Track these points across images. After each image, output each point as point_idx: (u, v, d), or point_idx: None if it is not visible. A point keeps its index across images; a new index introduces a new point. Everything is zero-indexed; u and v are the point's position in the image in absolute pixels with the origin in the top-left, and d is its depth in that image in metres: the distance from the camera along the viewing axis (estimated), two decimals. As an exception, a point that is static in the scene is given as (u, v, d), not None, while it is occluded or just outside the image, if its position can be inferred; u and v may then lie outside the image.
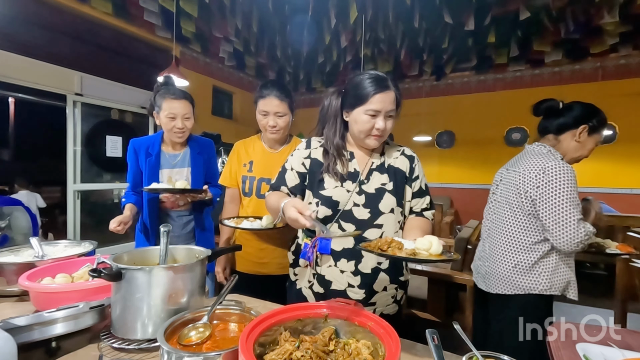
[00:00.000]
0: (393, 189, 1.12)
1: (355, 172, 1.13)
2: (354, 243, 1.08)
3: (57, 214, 4.30)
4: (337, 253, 1.09)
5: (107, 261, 0.87)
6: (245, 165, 1.58)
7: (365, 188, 1.12)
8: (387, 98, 1.05)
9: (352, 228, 1.09)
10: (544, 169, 1.27)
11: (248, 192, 1.56)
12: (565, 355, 0.84)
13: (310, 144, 1.20)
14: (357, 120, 1.08)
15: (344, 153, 1.15)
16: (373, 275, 1.10)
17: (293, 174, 1.18)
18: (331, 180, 1.12)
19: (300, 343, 0.68)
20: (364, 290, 1.09)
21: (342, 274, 1.09)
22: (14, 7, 3.30)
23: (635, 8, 3.56)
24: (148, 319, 0.81)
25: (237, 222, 1.43)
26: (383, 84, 1.05)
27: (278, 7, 3.76)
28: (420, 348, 0.84)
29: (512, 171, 1.43)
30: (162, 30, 4.21)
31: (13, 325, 0.72)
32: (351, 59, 5.00)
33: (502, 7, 3.69)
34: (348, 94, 1.12)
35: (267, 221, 1.38)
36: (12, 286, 1.09)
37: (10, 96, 5.04)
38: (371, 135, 1.08)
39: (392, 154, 1.19)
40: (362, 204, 1.10)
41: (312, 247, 1.11)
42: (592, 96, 5.05)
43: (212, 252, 0.99)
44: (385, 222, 1.09)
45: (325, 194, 1.11)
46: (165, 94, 1.58)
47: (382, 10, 3.76)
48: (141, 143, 1.66)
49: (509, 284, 1.35)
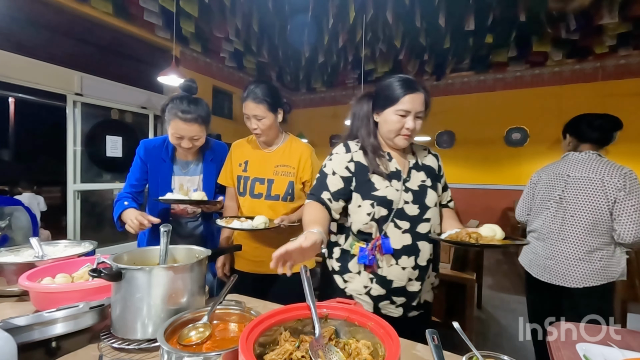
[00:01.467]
0: (431, 185, 1.19)
1: (397, 171, 1.17)
2: (412, 239, 1.12)
3: (57, 214, 4.30)
4: (398, 251, 1.11)
5: (107, 261, 0.87)
6: (240, 165, 1.57)
7: (409, 185, 1.16)
8: (417, 99, 1.10)
9: (406, 225, 1.12)
10: (624, 174, 1.51)
11: (242, 192, 1.54)
12: (565, 355, 0.84)
13: (349, 148, 1.20)
14: (387, 120, 1.13)
15: (383, 153, 1.18)
16: (427, 266, 1.15)
17: (336, 178, 1.16)
18: (380, 180, 1.14)
19: (300, 343, 0.68)
20: (420, 282, 1.14)
21: (404, 270, 1.11)
22: (14, 7, 3.30)
23: (635, 8, 3.56)
24: (148, 319, 0.81)
25: (227, 221, 1.40)
26: (413, 86, 1.11)
27: (278, 7, 3.76)
28: (420, 348, 0.84)
29: (583, 177, 1.61)
30: (162, 30, 4.21)
31: (13, 325, 0.72)
32: (351, 59, 5.00)
33: (502, 7, 3.68)
34: (378, 96, 1.17)
35: (258, 221, 1.36)
36: (12, 286, 1.09)
37: (10, 96, 5.04)
38: (401, 134, 1.13)
39: (421, 154, 1.27)
40: (411, 200, 1.14)
41: (373, 249, 1.11)
42: (592, 96, 5.11)
43: (212, 252, 0.99)
44: (432, 216, 1.16)
45: (379, 195, 1.12)
46: (175, 111, 1.39)
47: (382, 10, 3.76)
48: (153, 147, 1.54)
49: (597, 276, 1.56)
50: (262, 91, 1.43)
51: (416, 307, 1.17)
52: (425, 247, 1.14)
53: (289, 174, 1.53)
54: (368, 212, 1.12)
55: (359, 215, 1.14)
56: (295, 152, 1.56)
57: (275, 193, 1.51)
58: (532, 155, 5.50)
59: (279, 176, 1.52)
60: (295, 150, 1.56)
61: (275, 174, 1.52)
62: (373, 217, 1.11)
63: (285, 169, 1.53)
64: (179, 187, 1.54)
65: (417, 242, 1.12)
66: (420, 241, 1.13)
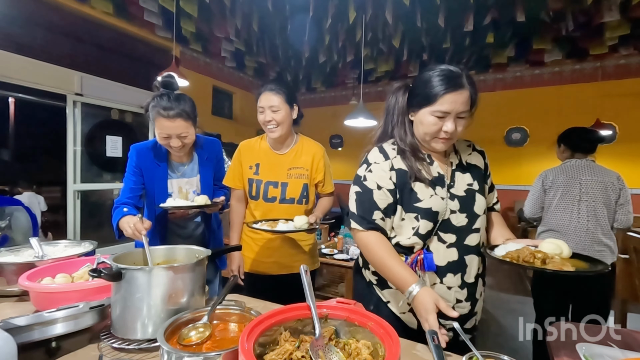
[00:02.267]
0: (479, 188, 1.03)
1: (440, 176, 1.01)
2: (458, 254, 0.97)
3: (57, 214, 4.30)
4: (442, 268, 0.97)
5: (107, 261, 0.87)
6: (251, 167, 1.52)
7: (455, 192, 1.00)
8: (459, 98, 0.91)
9: (452, 238, 0.97)
10: (617, 177, 2.00)
11: (255, 196, 1.51)
12: (565, 355, 0.84)
13: (387, 154, 1.03)
14: (423, 122, 0.96)
15: (422, 155, 1.02)
16: (475, 282, 1.00)
17: (383, 192, 0.99)
18: (423, 188, 0.98)
19: (301, 343, 0.68)
20: (469, 302, 0.99)
21: (450, 290, 0.97)
22: (14, 7, 3.29)
23: (635, 8, 3.56)
24: (148, 319, 0.81)
25: (271, 225, 1.37)
26: (455, 82, 0.91)
27: (278, 7, 3.76)
28: (420, 348, 0.84)
29: (594, 181, 2.01)
30: (162, 30, 4.21)
31: (13, 325, 0.72)
32: (351, 59, 5.00)
33: (502, 7, 3.68)
34: (415, 91, 1.00)
35: (301, 222, 1.32)
36: (12, 286, 1.09)
37: (10, 96, 5.03)
38: (438, 138, 0.96)
39: (465, 150, 1.09)
40: (458, 209, 0.99)
41: (414, 264, 0.97)
42: (592, 96, 5.10)
43: (212, 252, 0.99)
44: (481, 225, 1.01)
45: (424, 206, 0.96)
46: (157, 109, 1.32)
47: (382, 10, 3.76)
48: (146, 151, 1.47)
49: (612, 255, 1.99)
50: (280, 84, 1.44)
51: (469, 330, 1.01)
52: (473, 262, 0.99)
53: (303, 176, 1.51)
54: (412, 227, 0.98)
55: (402, 229, 1.00)
56: (307, 152, 1.53)
57: (290, 196, 1.49)
58: (532, 155, 5.50)
59: (292, 179, 1.50)
60: (307, 150, 1.54)
61: (289, 177, 1.50)
62: (417, 232, 0.97)
63: (298, 171, 1.51)
64: (178, 190, 1.51)
65: (465, 257, 0.98)
66: (469, 255, 0.98)
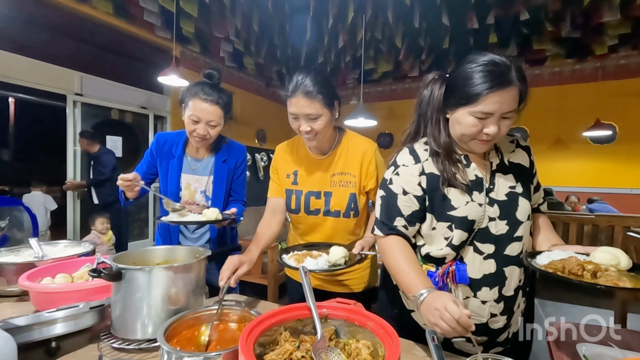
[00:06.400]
0: (523, 190, 0.91)
1: (479, 179, 0.90)
2: (497, 266, 0.88)
3: (57, 214, 4.30)
4: (477, 281, 0.88)
5: (107, 261, 0.87)
6: (289, 176, 1.29)
7: (494, 196, 0.89)
8: (505, 97, 0.78)
9: (490, 249, 0.88)
10: None
11: (295, 209, 1.28)
12: (565, 355, 0.84)
13: (418, 156, 0.94)
14: (461, 122, 0.85)
15: (458, 157, 0.92)
16: (515, 295, 0.90)
17: (409, 198, 0.91)
18: (458, 194, 0.88)
19: (301, 343, 0.68)
20: (505, 317, 0.90)
21: (484, 305, 0.88)
22: (14, 7, 3.29)
23: (635, 8, 3.56)
24: (148, 319, 0.81)
25: (298, 259, 1.10)
26: (502, 79, 0.78)
27: (278, 7, 3.76)
28: (420, 348, 0.84)
29: None
30: (162, 30, 4.21)
31: (13, 325, 0.72)
32: (351, 59, 5.00)
33: (503, 7, 3.68)
34: (453, 87, 0.88)
35: (337, 256, 1.06)
36: (12, 286, 1.09)
37: (10, 96, 5.03)
38: (477, 139, 0.85)
39: (508, 148, 0.97)
40: (497, 216, 0.88)
41: (444, 276, 0.89)
42: (592, 96, 5.10)
43: (212, 253, 1.00)
44: (524, 233, 0.90)
45: (459, 215, 0.87)
46: (196, 91, 1.29)
47: (382, 10, 3.76)
48: (166, 141, 1.44)
49: None
50: (316, 82, 1.09)
51: (502, 343, 0.93)
52: (513, 274, 0.89)
53: (350, 183, 1.23)
54: (446, 237, 0.90)
55: (433, 239, 0.92)
56: (355, 153, 1.24)
57: (335, 209, 1.24)
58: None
59: (337, 187, 1.24)
60: (354, 151, 1.25)
61: (333, 184, 1.24)
62: (451, 243, 0.88)
63: (343, 177, 1.24)
64: (186, 186, 1.44)
65: (504, 269, 0.88)
66: (509, 267, 0.88)
